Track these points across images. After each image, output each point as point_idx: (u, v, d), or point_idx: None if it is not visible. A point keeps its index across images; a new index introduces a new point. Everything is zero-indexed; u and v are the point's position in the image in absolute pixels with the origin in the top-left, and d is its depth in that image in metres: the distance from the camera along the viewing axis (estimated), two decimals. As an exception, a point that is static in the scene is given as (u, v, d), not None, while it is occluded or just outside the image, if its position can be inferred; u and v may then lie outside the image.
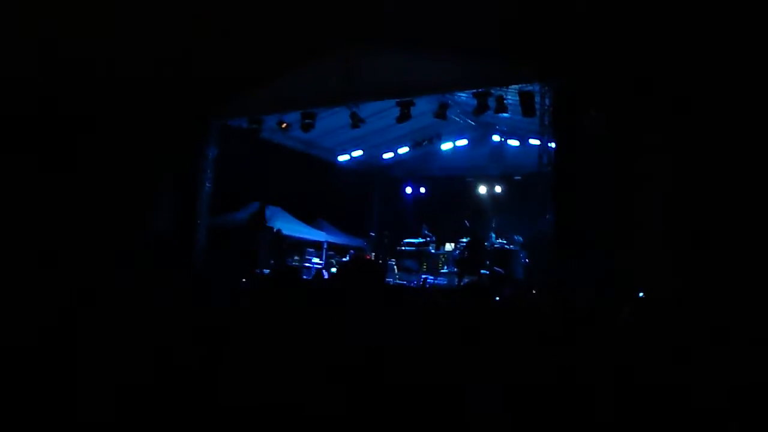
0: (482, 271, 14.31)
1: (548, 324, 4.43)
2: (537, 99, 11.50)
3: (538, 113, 11.52)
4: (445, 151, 18.02)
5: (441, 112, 13.36)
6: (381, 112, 14.33)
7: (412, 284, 14.87)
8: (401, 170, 20.48)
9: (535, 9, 10.20)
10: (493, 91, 12.03)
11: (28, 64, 10.33)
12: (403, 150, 18.53)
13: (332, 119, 14.58)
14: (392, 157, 19.23)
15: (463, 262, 14.92)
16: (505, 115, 12.84)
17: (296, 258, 17.46)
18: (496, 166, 17.70)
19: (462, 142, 17.59)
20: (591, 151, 10.33)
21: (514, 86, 11.79)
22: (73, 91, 10.88)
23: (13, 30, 9.77)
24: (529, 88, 11.48)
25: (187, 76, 12.16)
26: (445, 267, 16.26)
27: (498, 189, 17.81)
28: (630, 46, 9.87)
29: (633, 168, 9.91)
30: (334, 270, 17.19)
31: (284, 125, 14.67)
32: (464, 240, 15.90)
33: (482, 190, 18.05)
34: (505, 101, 12.18)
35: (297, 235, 18.57)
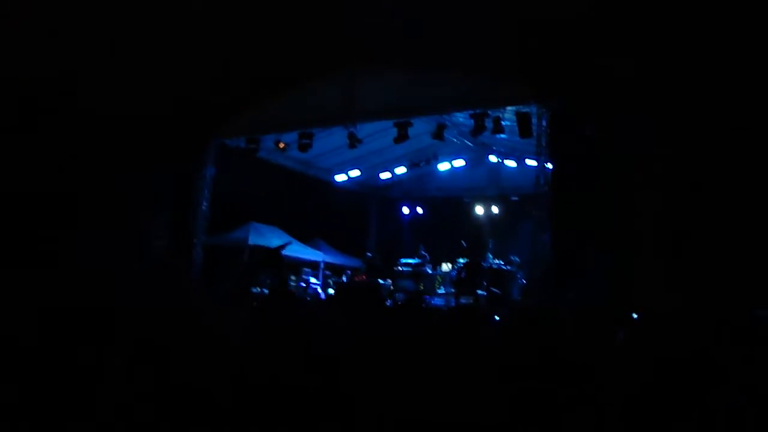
0: (479, 291, 14.27)
1: (542, 348, 4.40)
2: (534, 120, 11.55)
3: (535, 134, 11.56)
4: (443, 171, 18.07)
5: (438, 133, 13.40)
6: (378, 132, 14.38)
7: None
8: (398, 190, 20.50)
9: (532, 31, 10.28)
10: (490, 112, 12.08)
11: (25, 82, 10.35)
12: (401, 170, 18.55)
13: (330, 139, 14.62)
14: (389, 178, 19.25)
15: (461, 282, 14.88)
16: (502, 136, 12.90)
17: (293, 278, 17.39)
18: (493, 186, 17.76)
19: (459, 163, 17.63)
20: (588, 171, 10.35)
21: (511, 107, 11.86)
22: (69, 107, 10.89)
23: (10, 36, 9.79)
24: (526, 109, 11.54)
25: (185, 96, 12.19)
26: (442, 287, 16.20)
27: (495, 210, 17.83)
28: (627, 67, 9.94)
29: (630, 188, 9.93)
30: (331, 291, 17.14)
31: (282, 145, 14.69)
32: (461, 260, 15.87)
33: (479, 210, 18.06)
34: (502, 122, 12.24)
35: (294, 254, 18.52)
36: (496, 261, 15.75)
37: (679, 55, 9.36)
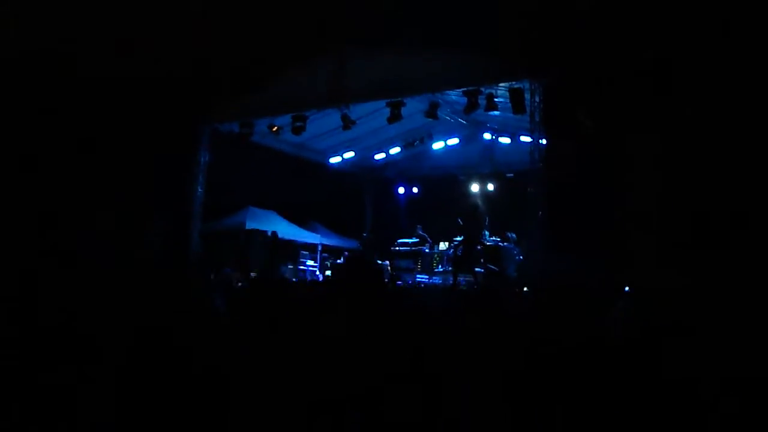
0: (476, 269, 14.31)
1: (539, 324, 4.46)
2: (527, 96, 11.53)
3: (528, 110, 11.54)
4: (437, 150, 18.03)
5: (432, 112, 13.37)
6: (372, 113, 14.33)
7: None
8: (393, 171, 20.47)
9: (524, 6, 10.23)
10: (482, 89, 12.05)
11: (23, 71, 10.28)
12: (395, 150, 18.52)
13: (323, 121, 14.57)
14: (384, 158, 19.22)
15: (458, 260, 14.92)
16: (496, 113, 12.86)
17: (290, 264, 17.42)
18: (488, 164, 17.73)
19: (453, 141, 17.60)
20: (582, 146, 10.37)
21: (504, 84, 11.81)
22: (62, 94, 10.83)
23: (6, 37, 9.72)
24: (519, 85, 11.51)
25: (177, 81, 12.13)
26: (440, 266, 16.26)
27: (490, 187, 17.84)
28: (620, 41, 9.91)
29: (624, 162, 9.95)
30: (328, 273, 17.19)
31: (275, 128, 14.65)
32: (458, 239, 15.89)
33: (475, 188, 18.07)
34: (495, 99, 12.21)
35: (291, 237, 18.54)
36: (493, 238, 15.79)
37: (678, 32, 9.32)
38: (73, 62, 10.84)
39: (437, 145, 17.79)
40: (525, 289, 10.59)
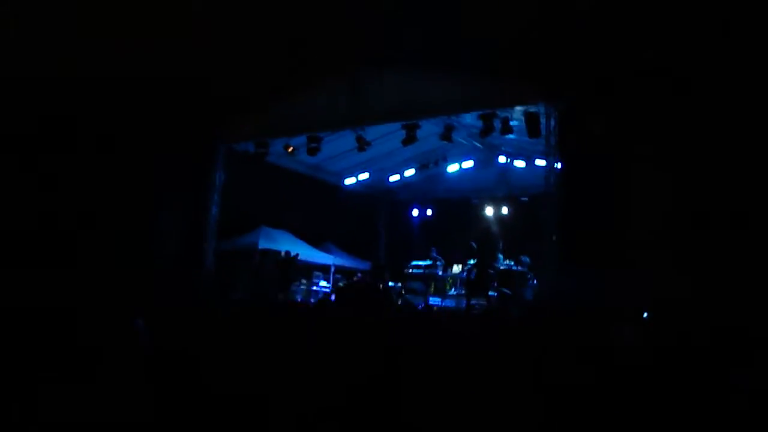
0: (490, 293, 14.21)
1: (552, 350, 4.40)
2: (542, 120, 11.52)
3: (543, 134, 11.53)
4: (452, 173, 18.02)
5: (447, 134, 13.38)
6: (387, 135, 14.38)
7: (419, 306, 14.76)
8: (408, 193, 20.47)
9: (539, 31, 10.27)
10: (498, 113, 12.07)
11: (39, 83, 10.43)
12: (410, 173, 18.53)
13: (338, 143, 14.64)
14: (398, 180, 19.23)
15: (471, 284, 14.82)
16: (511, 136, 12.86)
17: (304, 281, 17.41)
18: (503, 187, 17.69)
19: (468, 164, 17.57)
20: (597, 170, 10.32)
21: (519, 107, 11.82)
22: (80, 112, 10.98)
23: (19, 52, 9.89)
24: (534, 109, 11.51)
25: (194, 101, 12.26)
26: (453, 289, 16.16)
27: (505, 210, 17.77)
28: (634, 66, 9.90)
29: (641, 187, 9.88)
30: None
31: (290, 149, 14.73)
32: (471, 262, 15.82)
33: (489, 211, 18.01)
34: (510, 123, 12.21)
35: (304, 258, 18.54)
36: (507, 261, 15.69)
37: (688, 50, 9.30)
38: (94, 82, 11.01)
39: (452, 168, 17.78)
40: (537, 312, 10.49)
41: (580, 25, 9.89)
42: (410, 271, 16.89)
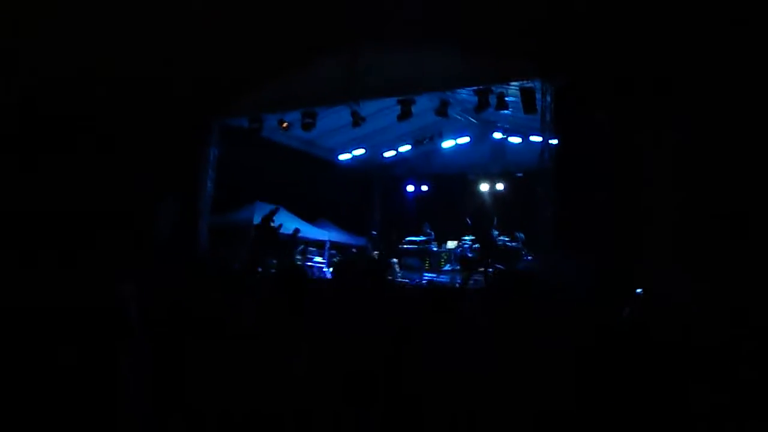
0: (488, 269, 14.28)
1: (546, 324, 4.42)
2: (538, 96, 11.47)
3: (539, 110, 11.48)
4: (447, 149, 18.00)
5: (442, 110, 13.33)
6: (382, 110, 14.31)
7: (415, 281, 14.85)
8: (403, 169, 20.45)
9: (536, 5, 10.16)
10: (493, 89, 12.01)
11: (27, 63, 10.31)
12: (405, 148, 18.51)
13: (333, 118, 14.57)
14: (394, 156, 19.21)
15: (467, 260, 14.90)
16: (507, 112, 12.81)
17: (298, 257, 17.44)
18: (498, 163, 17.68)
19: (463, 140, 17.56)
20: (593, 147, 10.31)
21: (515, 83, 11.76)
22: (72, 91, 10.86)
23: (13, 28, 9.74)
24: (530, 84, 11.45)
25: (187, 76, 12.13)
26: (447, 265, 16.24)
27: (500, 186, 17.79)
28: (631, 41, 9.83)
29: (637, 161, 9.87)
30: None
31: (285, 124, 14.65)
32: (467, 238, 15.89)
33: (484, 187, 18.03)
34: (506, 98, 12.16)
35: (299, 234, 18.54)
36: (501, 238, 15.76)
37: (691, 32, 9.22)
38: (92, 62, 10.88)
39: (447, 144, 17.75)
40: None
41: (577, 2, 9.79)
42: (405, 246, 16.94)
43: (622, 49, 9.77)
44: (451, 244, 16.59)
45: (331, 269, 17.02)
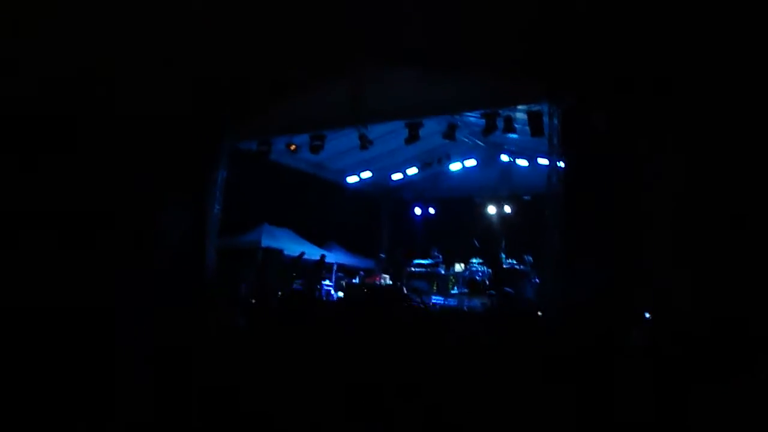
0: (490, 291, 14.24)
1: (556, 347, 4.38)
2: (546, 119, 11.49)
3: (546, 133, 11.49)
4: (454, 171, 18.04)
5: (449, 133, 13.36)
6: (390, 133, 14.38)
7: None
8: (410, 191, 20.49)
9: (542, 29, 10.22)
10: (501, 112, 12.04)
11: (32, 77, 10.39)
12: (412, 171, 18.55)
13: (341, 141, 14.63)
14: (401, 179, 19.25)
15: (473, 282, 14.86)
16: (514, 135, 12.84)
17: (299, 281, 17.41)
18: (505, 186, 17.69)
19: (471, 163, 17.59)
20: (601, 170, 10.28)
21: (522, 106, 11.80)
22: (79, 107, 10.96)
23: (13, 28, 9.82)
24: (537, 107, 11.48)
25: (196, 99, 12.24)
26: (455, 288, 16.17)
27: (507, 209, 17.77)
28: (639, 66, 9.85)
29: (645, 187, 9.83)
30: (341, 293, 17.14)
31: (293, 147, 14.73)
32: (475, 260, 15.86)
33: (491, 210, 18.01)
34: (513, 122, 12.18)
35: (307, 256, 18.57)
36: (509, 261, 15.71)
37: (695, 47, 9.23)
38: (95, 82, 10.98)
39: (455, 167, 17.79)
40: (539, 313, 10.50)
41: (583, 25, 9.83)
42: (413, 269, 16.91)
43: (629, 71, 9.79)
44: (459, 268, 16.54)
45: (340, 293, 17.01)
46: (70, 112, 10.64)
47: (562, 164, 11.14)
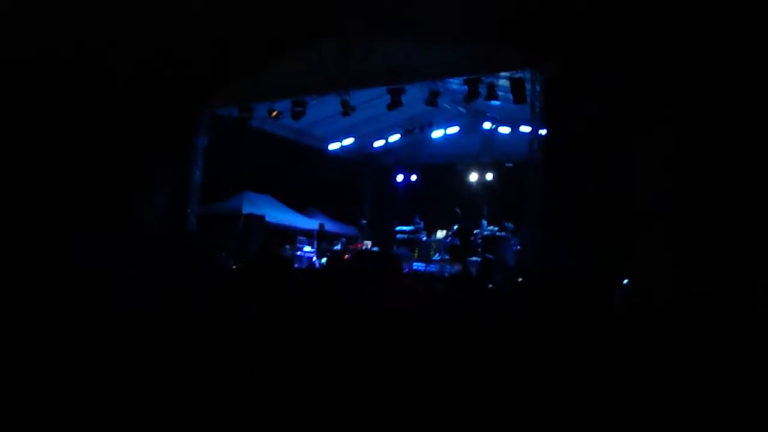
0: (473, 258, 14.36)
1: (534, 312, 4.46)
2: (528, 86, 11.48)
3: (529, 100, 11.50)
4: (437, 138, 18.01)
5: (432, 100, 13.31)
6: (372, 99, 14.28)
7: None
8: (392, 158, 20.45)
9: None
10: (483, 78, 12.01)
11: (18, 47, 10.16)
12: (395, 138, 18.50)
13: (323, 107, 14.51)
14: (383, 145, 19.19)
15: (454, 249, 14.97)
16: (496, 102, 12.82)
17: (287, 247, 17.43)
18: (488, 153, 17.73)
19: (453, 130, 17.58)
20: (583, 137, 10.34)
21: (504, 73, 11.76)
22: (62, 77, 10.75)
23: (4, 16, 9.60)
24: (520, 74, 11.46)
25: (176, 65, 12.04)
26: (437, 254, 16.29)
27: (489, 176, 17.84)
28: (622, 31, 9.83)
29: (627, 155, 9.89)
30: (324, 260, 17.17)
31: (275, 113, 14.58)
32: (454, 227, 15.95)
33: (473, 177, 18.07)
34: (495, 88, 12.16)
35: (288, 223, 18.56)
36: (491, 227, 15.83)
37: (683, 22, 9.21)
38: (82, 50, 10.74)
39: (437, 134, 17.76)
40: (520, 279, 10.63)
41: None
42: (395, 236, 16.98)
43: (612, 37, 9.77)
44: (441, 234, 16.63)
45: (324, 260, 17.03)
46: (43, 90, 10.44)
47: (543, 132, 11.18)
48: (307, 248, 17.88)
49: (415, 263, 15.87)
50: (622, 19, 9.56)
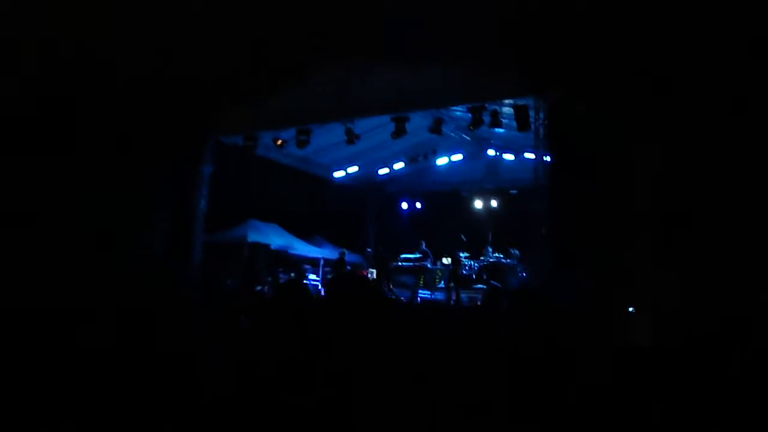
0: (478, 285, 14.31)
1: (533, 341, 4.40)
2: (531, 113, 11.51)
3: (532, 127, 11.53)
4: (441, 166, 18.06)
5: (436, 127, 13.37)
6: (376, 128, 14.35)
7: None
8: (397, 186, 20.50)
9: (529, 23, 10.22)
10: (487, 106, 12.06)
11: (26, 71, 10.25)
12: (399, 165, 18.56)
13: (327, 135, 14.59)
14: (388, 173, 19.25)
15: (456, 276, 14.89)
16: (500, 129, 12.86)
17: (293, 274, 17.39)
18: (492, 180, 17.76)
19: (457, 157, 17.64)
20: (586, 163, 10.31)
21: (508, 100, 11.81)
22: (66, 102, 10.83)
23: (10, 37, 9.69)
24: (523, 102, 11.51)
25: (182, 93, 12.13)
26: (442, 282, 16.23)
27: (494, 203, 17.84)
28: (624, 59, 9.88)
29: (630, 180, 9.86)
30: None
31: (279, 142, 14.66)
32: (462, 255, 15.90)
33: (478, 204, 18.07)
34: (499, 116, 12.20)
35: (294, 251, 18.53)
36: (496, 254, 15.78)
37: (681, 42, 9.24)
38: (88, 72, 10.83)
39: (441, 161, 17.82)
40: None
41: (569, 19, 9.84)
42: (399, 264, 16.92)
43: (614, 65, 9.81)
44: (446, 261, 16.58)
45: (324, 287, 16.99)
46: (49, 111, 10.52)
47: (548, 158, 11.18)
48: (312, 276, 17.84)
49: (420, 291, 15.80)
50: (622, 20, 9.56)
